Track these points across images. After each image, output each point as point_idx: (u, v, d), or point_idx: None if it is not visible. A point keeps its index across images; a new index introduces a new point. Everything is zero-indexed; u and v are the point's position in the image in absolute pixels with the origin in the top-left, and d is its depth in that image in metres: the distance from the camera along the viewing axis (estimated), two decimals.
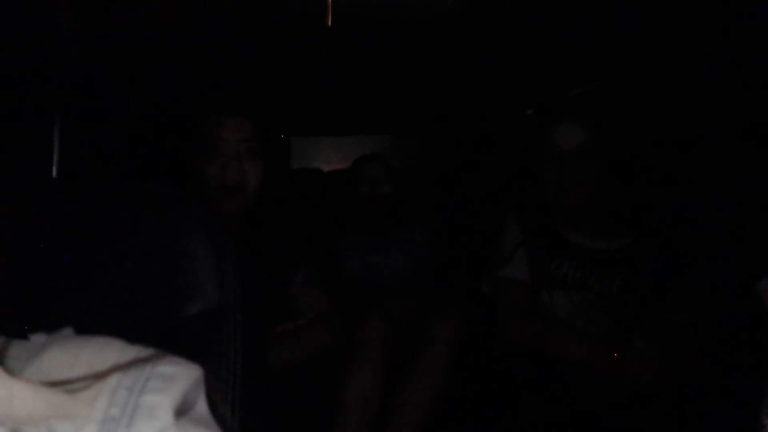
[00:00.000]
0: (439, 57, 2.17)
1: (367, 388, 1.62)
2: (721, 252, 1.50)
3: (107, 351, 0.39)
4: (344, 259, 2.27)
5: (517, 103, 2.49)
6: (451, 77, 2.42)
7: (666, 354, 1.41)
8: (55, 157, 0.89)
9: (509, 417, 1.52)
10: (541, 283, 1.61)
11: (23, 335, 0.43)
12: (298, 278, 1.59)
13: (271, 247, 1.60)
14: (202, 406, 0.41)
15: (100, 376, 0.36)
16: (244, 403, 0.56)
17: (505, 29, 1.83)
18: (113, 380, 0.35)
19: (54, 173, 0.90)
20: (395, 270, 2.28)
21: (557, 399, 1.47)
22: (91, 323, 0.45)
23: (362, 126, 3.12)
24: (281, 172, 2.79)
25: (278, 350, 1.41)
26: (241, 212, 1.48)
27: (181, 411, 0.36)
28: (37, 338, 0.44)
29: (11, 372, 0.35)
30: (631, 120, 1.87)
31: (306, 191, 2.74)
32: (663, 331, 1.45)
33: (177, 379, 0.37)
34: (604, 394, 1.45)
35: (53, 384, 0.35)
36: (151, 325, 0.55)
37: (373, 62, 2.23)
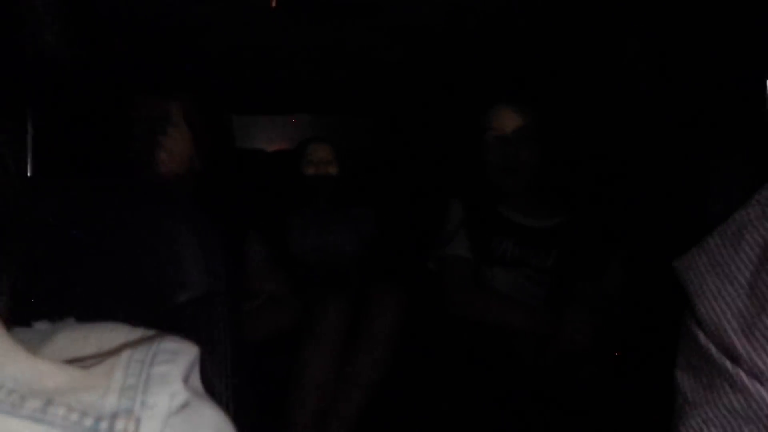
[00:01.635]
0: (381, 38, 2.20)
1: (324, 370, 1.67)
2: (646, 228, 1.63)
3: (115, 332, 0.42)
4: (293, 238, 2.29)
5: (457, 86, 2.56)
6: (393, 59, 2.45)
7: (598, 319, 1.54)
8: (29, 156, 0.87)
9: (455, 387, 1.61)
10: (482, 260, 1.71)
11: (26, 323, 0.45)
12: (249, 258, 1.61)
13: (221, 229, 1.60)
14: (196, 381, 0.45)
15: (111, 352, 0.39)
16: (236, 382, 0.60)
17: (448, 14, 1.88)
18: (125, 355, 0.39)
19: (29, 172, 0.88)
20: (344, 248, 2.32)
21: (501, 366, 1.58)
22: (90, 314, 0.47)
23: (305, 105, 3.11)
24: (225, 150, 2.75)
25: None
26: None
27: (186, 382, 0.40)
28: (41, 325, 0.46)
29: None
30: (565, 104, 1.98)
31: (249, 171, 2.72)
32: (595, 299, 1.59)
33: (181, 353, 0.40)
34: (543, 358, 1.57)
35: (68, 362, 0.38)
36: (143, 315, 0.57)
37: (316, 42, 2.24)
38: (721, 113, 1.33)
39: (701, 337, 0.51)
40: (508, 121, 1.69)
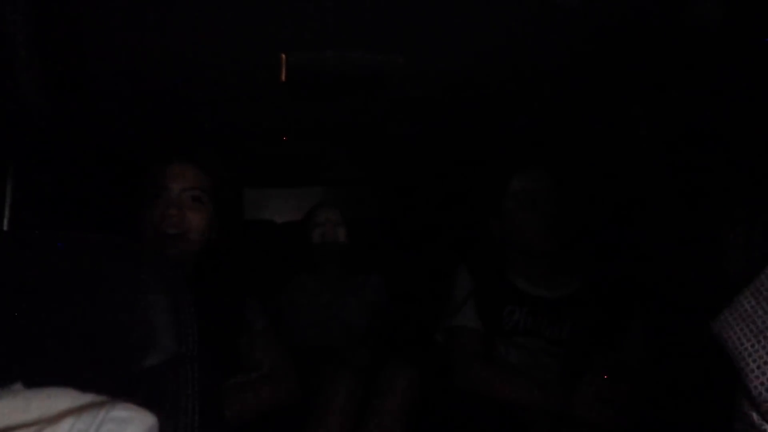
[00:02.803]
0: (390, 111, 2.24)
1: None
2: (667, 294, 1.56)
3: (60, 397, 0.39)
4: (300, 308, 2.25)
5: (466, 154, 2.58)
6: (401, 130, 2.49)
7: (618, 393, 1.45)
8: (7, 210, 0.86)
9: None
10: (493, 331, 1.64)
11: None
12: (251, 329, 1.57)
13: (222, 297, 1.58)
14: None
15: (52, 420, 0.35)
16: None
17: (454, 86, 1.91)
18: (66, 425, 0.35)
19: (5, 226, 0.87)
20: (352, 319, 2.27)
21: None
22: (42, 377, 0.44)
23: (315, 177, 3.15)
24: (234, 222, 2.77)
25: (230, 403, 1.37)
26: (186, 260, 1.46)
27: None
28: None
29: None
30: (581, 169, 1.96)
31: (259, 242, 2.72)
32: (614, 371, 1.50)
33: (131, 423, 0.36)
34: None
35: (4, 431, 0.34)
36: (107, 377, 0.54)
37: (326, 116, 2.28)
38: (732, 169, 1.31)
39: (755, 417, 0.46)
40: (542, 182, 1.66)
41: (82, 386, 0.43)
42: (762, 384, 0.46)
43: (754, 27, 1.16)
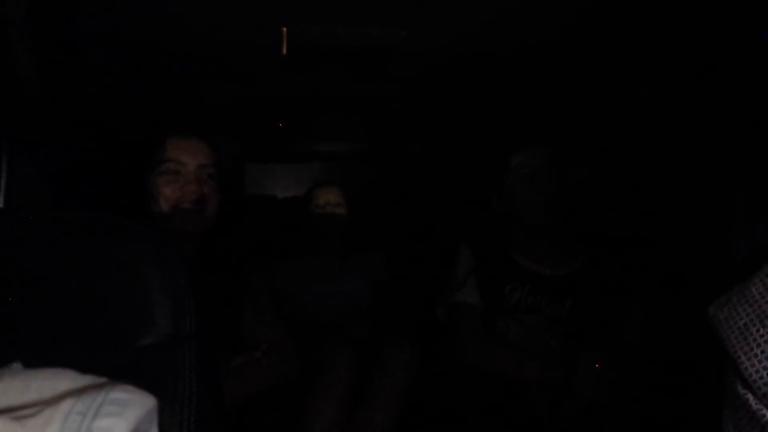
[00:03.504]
0: (391, 86, 2.22)
1: (334, 420, 1.60)
2: (668, 271, 1.56)
3: (59, 378, 0.39)
4: (303, 284, 2.26)
5: (468, 130, 2.56)
6: (403, 105, 2.47)
7: (615, 370, 1.46)
8: (2, 187, 0.86)
9: None
10: (494, 308, 1.64)
11: None
12: (252, 305, 1.57)
13: (225, 273, 1.58)
14: None
15: (51, 402, 0.35)
16: None
17: (457, 60, 1.89)
18: (65, 406, 0.35)
19: (1, 203, 0.86)
20: (354, 294, 2.28)
21: (515, 419, 1.49)
22: (41, 357, 0.44)
23: (316, 153, 3.13)
24: (236, 197, 2.77)
25: (232, 384, 1.39)
26: (198, 234, 1.48)
27: None
28: None
29: None
30: (585, 146, 1.95)
31: (261, 217, 2.72)
32: (614, 350, 1.51)
33: (131, 405, 0.36)
34: (558, 411, 1.48)
35: (1, 412, 0.34)
36: (104, 357, 0.53)
37: (327, 90, 2.26)
38: (739, 149, 1.29)
39: (751, 400, 0.45)
40: (542, 158, 1.66)
41: (80, 365, 0.43)
42: (763, 367, 0.46)
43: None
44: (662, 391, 1.41)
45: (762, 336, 0.48)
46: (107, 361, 0.52)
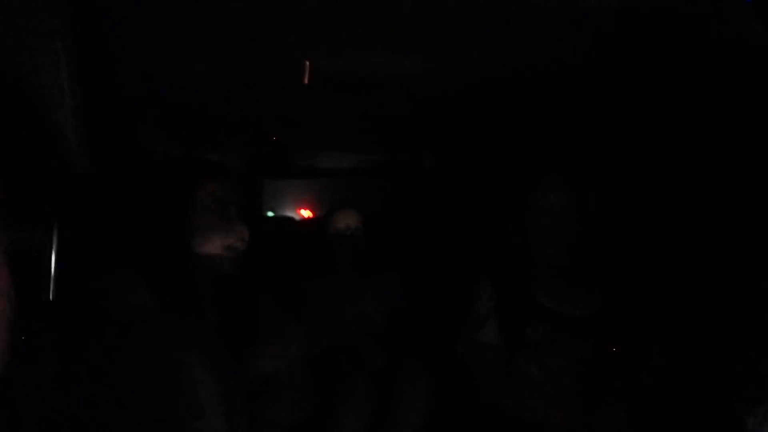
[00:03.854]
0: (411, 110, 2.20)
1: None
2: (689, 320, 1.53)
3: None
4: (317, 306, 2.24)
5: (486, 154, 2.54)
6: (423, 128, 2.45)
7: (632, 412, 1.44)
8: (53, 274, 0.85)
9: None
10: (515, 347, 1.62)
11: None
12: (269, 333, 1.56)
13: (244, 304, 1.58)
14: None
15: None
16: None
17: (474, 85, 1.87)
18: None
19: (50, 294, 0.86)
20: (370, 316, 2.26)
21: None
22: None
23: (337, 170, 3.13)
24: (254, 221, 2.77)
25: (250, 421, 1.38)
26: (236, 272, 1.47)
27: None
28: None
29: None
30: (606, 179, 1.92)
31: (276, 239, 2.71)
32: (629, 389, 1.49)
33: None
34: None
35: None
36: None
37: (347, 116, 2.25)
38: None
39: None
40: (564, 194, 1.62)
41: None
42: None
43: None
44: None
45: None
46: None
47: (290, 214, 3.02)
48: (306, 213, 3.04)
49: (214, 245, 1.40)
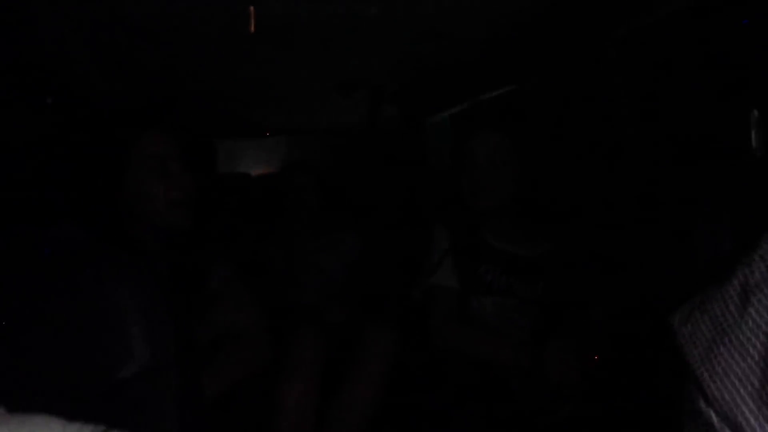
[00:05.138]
0: (364, 61, 2.17)
1: (301, 403, 1.61)
2: (633, 258, 1.59)
3: (47, 428, 0.37)
4: (274, 263, 2.25)
5: (432, 108, 2.54)
6: (377, 81, 2.43)
7: (584, 356, 1.50)
8: None
9: (444, 422, 1.56)
10: (469, 289, 1.66)
11: None
12: (225, 289, 1.56)
13: (197, 261, 1.57)
14: None
15: None
16: None
17: (427, 38, 1.86)
18: None
19: None
20: (327, 273, 2.27)
21: (491, 402, 1.53)
22: (22, 396, 0.42)
23: (289, 127, 3.09)
24: (208, 178, 2.72)
25: (204, 377, 1.38)
26: (188, 226, 1.46)
27: None
28: None
29: None
30: (544, 126, 1.95)
31: (233, 195, 2.68)
32: (583, 333, 1.54)
33: None
34: (529, 395, 1.52)
35: None
36: (85, 393, 0.52)
37: (297, 66, 2.21)
38: (710, 146, 1.30)
39: (714, 417, 0.46)
40: (483, 146, 1.67)
41: (61, 403, 0.41)
42: (725, 387, 0.47)
43: None
44: (626, 375, 1.45)
45: (722, 355, 0.49)
46: (89, 397, 0.51)
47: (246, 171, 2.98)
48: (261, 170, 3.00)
49: (156, 201, 1.39)
